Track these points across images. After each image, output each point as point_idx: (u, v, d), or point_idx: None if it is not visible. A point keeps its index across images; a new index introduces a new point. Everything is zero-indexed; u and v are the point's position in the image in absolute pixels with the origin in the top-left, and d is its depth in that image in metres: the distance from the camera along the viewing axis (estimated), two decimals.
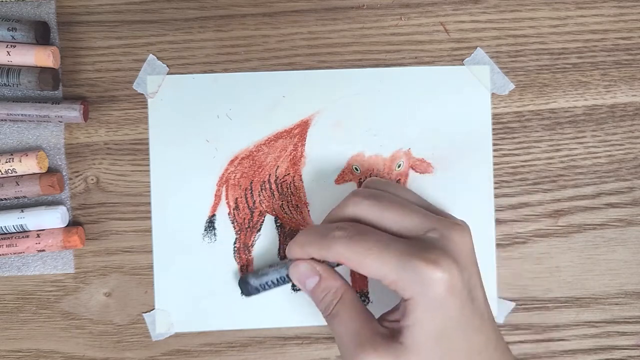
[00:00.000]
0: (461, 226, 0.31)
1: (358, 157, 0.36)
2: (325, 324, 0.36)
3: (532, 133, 0.37)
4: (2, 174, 0.35)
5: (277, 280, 0.34)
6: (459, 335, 0.29)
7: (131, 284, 0.36)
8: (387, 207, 0.31)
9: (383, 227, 0.30)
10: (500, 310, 0.36)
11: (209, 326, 0.36)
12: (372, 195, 0.31)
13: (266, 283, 0.34)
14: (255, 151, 0.36)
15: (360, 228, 0.30)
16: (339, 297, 0.31)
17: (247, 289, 0.35)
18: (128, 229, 0.36)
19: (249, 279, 0.35)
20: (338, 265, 0.32)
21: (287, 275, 0.33)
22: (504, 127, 0.37)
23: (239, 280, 0.35)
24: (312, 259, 0.32)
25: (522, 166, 0.37)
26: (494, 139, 0.37)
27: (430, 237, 0.29)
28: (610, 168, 0.37)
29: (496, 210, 0.37)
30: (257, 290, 0.35)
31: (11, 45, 0.34)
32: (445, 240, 0.29)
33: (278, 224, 0.36)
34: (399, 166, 0.36)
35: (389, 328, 0.30)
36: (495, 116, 0.37)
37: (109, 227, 0.36)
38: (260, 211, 0.36)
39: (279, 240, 0.36)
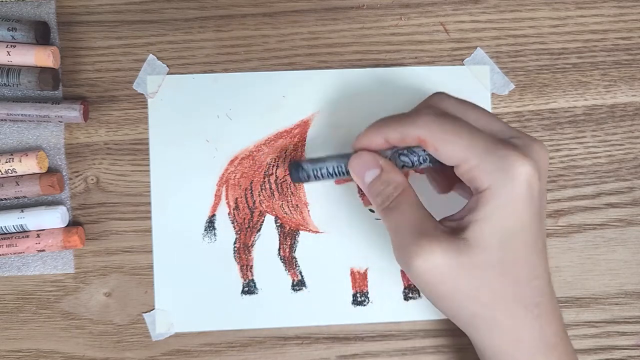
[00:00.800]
0: (542, 143, 0.29)
1: None
2: (325, 323, 0.36)
3: (532, 133, 0.37)
4: (2, 174, 0.35)
5: (334, 169, 0.31)
6: (524, 247, 0.28)
7: (131, 284, 0.36)
8: (473, 108, 0.30)
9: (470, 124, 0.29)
10: None
11: (209, 326, 0.36)
12: (456, 97, 0.31)
13: (320, 169, 0.32)
14: (255, 151, 0.36)
15: (447, 111, 0.29)
16: (401, 191, 0.30)
17: (297, 173, 0.32)
18: (128, 229, 0.36)
19: (303, 163, 0.32)
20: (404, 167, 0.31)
21: (345, 168, 0.31)
22: None
23: (290, 164, 0.33)
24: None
25: None
26: None
27: (514, 142, 0.28)
28: (610, 168, 0.37)
29: None
30: (308, 178, 0.32)
31: (11, 45, 0.34)
32: (528, 148, 0.28)
33: (278, 224, 0.36)
34: None
35: (451, 227, 0.29)
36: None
37: (109, 227, 0.36)
38: (260, 211, 0.36)
39: (279, 240, 0.36)
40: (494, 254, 0.28)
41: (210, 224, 0.36)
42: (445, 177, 0.33)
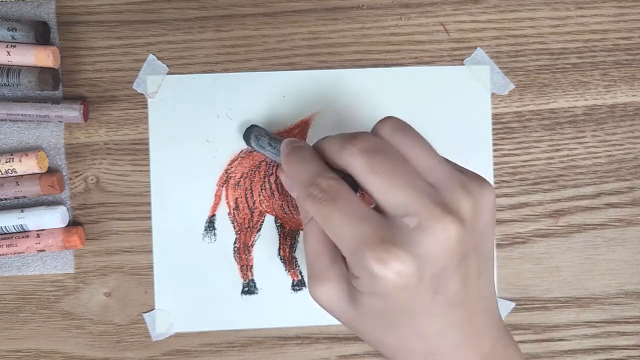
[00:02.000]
0: (449, 219, 0.26)
1: None
2: (325, 323, 0.36)
3: (532, 133, 0.37)
4: (2, 174, 0.35)
5: (272, 153, 0.34)
6: (406, 317, 0.27)
7: (131, 284, 0.36)
8: (380, 177, 0.27)
9: (371, 194, 0.27)
10: (501, 310, 0.36)
11: (209, 326, 0.36)
12: (373, 150, 0.28)
13: (262, 148, 0.34)
14: (255, 151, 0.36)
15: (340, 190, 0.27)
16: (309, 218, 0.29)
17: (247, 139, 0.35)
18: (128, 229, 0.36)
19: (251, 140, 0.34)
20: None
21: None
22: (504, 127, 0.37)
23: (247, 129, 0.35)
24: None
25: (522, 166, 0.37)
26: (494, 139, 0.37)
27: (404, 222, 0.26)
28: (610, 168, 0.37)
29: (496, 210, 0.37)
30: (252, 148, 0.35)
31: (11, 45, 0.34)
32: (420, 230, 0.26)
33: (278, 224, 0.36)
34: None
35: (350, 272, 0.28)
36: (495, 116, 0.37)
37: (109, 227, 0.36)
38: (260, 211, 0.36)
39: (279, 240, 0.36)
40: (374, 322, 0.28)
41: (210, 224, 0.36)
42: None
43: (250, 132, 0.35)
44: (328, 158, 0.29)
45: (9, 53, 0.34)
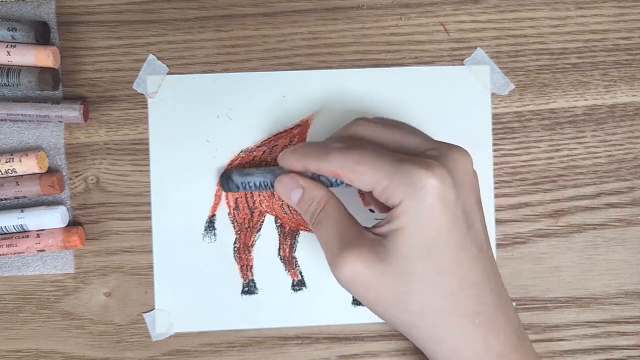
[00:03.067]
0: (462, 149, 0.30)
1: None
2: (325, 323, 0.36)
3: (532, 133, 0.37)
4: (2, 174, 0.35)
5: (261, 183, 0.33)
6: (449, 255, 0.28)
7: (131, 284, 0.36)
8: (389, 128, 0.31)
9: (383, 145, 0.30)
10: None
11: (209, 326, 0.36)
12: (375, 119, 0.32)
13: (248, 183, 0.34)
14: (255, 151, 0.36)
15: (358, 141, 0.30)
16: (322, 206, 0.31)
17: (228, 184, 0.34)
18: (128, 229, 0.36)
19: (233, 175, 0.34)
20: (332, 185, 0.32)
21: (272, 183, 0.33)
22: (504, 127, 0.37)
23: (222, 174, 0.35)
24: (297, 173, 0.32)
25: (522, 166, 0.37)
26: (494, 139, 0.37)
27: (429, 154, 0.29)
28: (610, 168, 0.37)
29: (496, 210, 0.37)
30: (237, 188, 0.34)
31: (11, 45, 0.34)
32: (444, 157, 0.29)
33: (278, 224, 0.36)
34: None
35: (375, 235, 0.30)
36: (495, 116, 0.37)
37: (109, 227, 0.36)
38: (260, 211, 0.36)
39: (279, 240, 0.36)
40: (416, 265, 0.28)
41: (210, 224, 0.36)
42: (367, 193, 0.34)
43: (229, 175, 0.34)
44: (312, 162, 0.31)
45: (9, 53, 0.34)
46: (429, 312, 0.29)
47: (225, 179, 0.34)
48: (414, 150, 0.30)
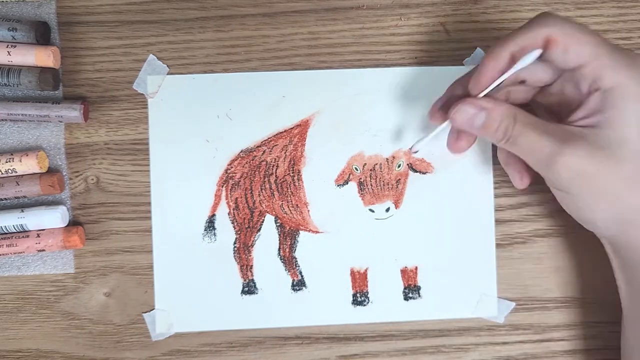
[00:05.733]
0: None
1: (358, 157, 0.36)
2: (325, 323, 0.36)
3: None
4: (2, 174, 0.35)
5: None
6: None
7: (131, 284, 0.36)
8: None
9: None
10: (500, 310, 0.36)
11: (209, 326, 0.36)
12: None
13: None
14: (255, 151, 0.36)
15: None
16: (514, 118, 0.30)
17: None
18: (128, 229, 0.36)
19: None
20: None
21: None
22: None
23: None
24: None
25: None
26: None
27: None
28: None
29: (496, 210, 0.37)
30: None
31: (12, 45, 0.34)
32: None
33: (278, 224, 0.36)
34: (399, 166, 0.36)
35: (587, 126, 0.29)
36: None
37: (109, 227, 0.36)
38: (260, 211, 0.36)
39: (279, 240, 0.36)
40: (637, 145, 0.28)
41: (210, 224, 0.36)
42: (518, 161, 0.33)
43: None
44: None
45: (9, 53, 0.34)
46: None
47: None
48: None
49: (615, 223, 0.30)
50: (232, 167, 0.36)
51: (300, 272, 0.36)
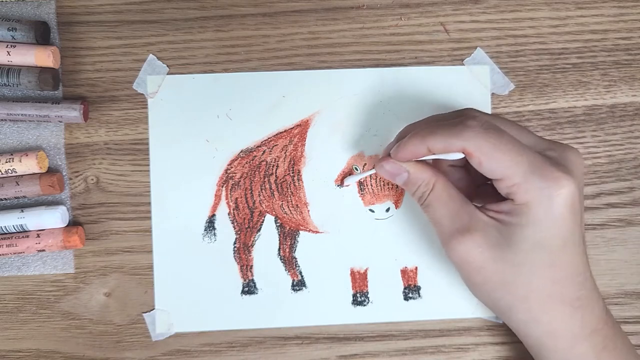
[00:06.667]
0: (575, 150, 0.31)
1: (358, 157, 0.36)
2: (325, 323, 0.36)
3: None
4: (2, 174, 0.35)
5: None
6: (565, 253, 0.29)
7: (131, 284, 0.36)
8: (508, 122, 0.31)
9: None
10: None
11: (209, 326, 0.36)
12: (490, 118, 0.31)
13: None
14: (255, 151, 0.36)
15: (493, 123, 0.30)
16: (431, 187, 0.31)
17: None
18: (128, 229, 0.36)
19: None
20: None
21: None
22: None
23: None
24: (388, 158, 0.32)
25: None
26: None
27: (549, 154, 0.30)
28: (610, 168, 0.37)
29: None
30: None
31: (11, 45, 0.34)
32: (564, 160, 0.30)
33: (278, 224, 0.36)
34: None
35: (494, 219, 0.30)
36: None
37: (109, 227, 0.36)
38: (260, 211, 0.36)
39: (279, 240, 0.36)
40: (531, 257, 0.29)
41: (210, 224, 0.36)
42: (472, 178, 0.34)
43: None
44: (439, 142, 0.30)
45: (9, 53, 0.34)
46: (534, 298, 0.30)
47: None
48: (534, 149, 0.30)
49: (494, 310, 0.32)
50: (232, 167, 0.36)
51: (300, 272, 0.36)
